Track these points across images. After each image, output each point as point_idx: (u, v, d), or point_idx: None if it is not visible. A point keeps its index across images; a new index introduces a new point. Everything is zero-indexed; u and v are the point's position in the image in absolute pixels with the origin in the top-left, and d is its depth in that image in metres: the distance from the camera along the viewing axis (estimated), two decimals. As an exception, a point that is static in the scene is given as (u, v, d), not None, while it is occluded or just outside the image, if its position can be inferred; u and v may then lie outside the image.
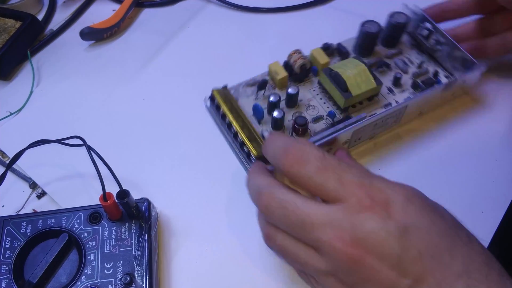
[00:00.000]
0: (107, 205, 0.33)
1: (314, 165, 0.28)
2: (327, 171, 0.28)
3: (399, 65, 0.45)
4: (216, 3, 0.57)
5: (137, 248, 0.34)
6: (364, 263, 0.26)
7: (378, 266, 0.26)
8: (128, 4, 0.54)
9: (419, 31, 0.46)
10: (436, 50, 0.45)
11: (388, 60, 0.46)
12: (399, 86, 0.44)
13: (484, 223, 0.38)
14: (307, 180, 0.28)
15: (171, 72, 0.50)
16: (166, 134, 0.44)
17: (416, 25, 0.46)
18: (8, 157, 0.43)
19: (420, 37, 0.46)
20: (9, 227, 0.35)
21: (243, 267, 0.37)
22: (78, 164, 0.42)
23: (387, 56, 0.46)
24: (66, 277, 0.33)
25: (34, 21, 0.52)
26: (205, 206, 0.40)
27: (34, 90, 0.48)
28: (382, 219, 0.26)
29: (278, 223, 0.29)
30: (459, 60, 0.44)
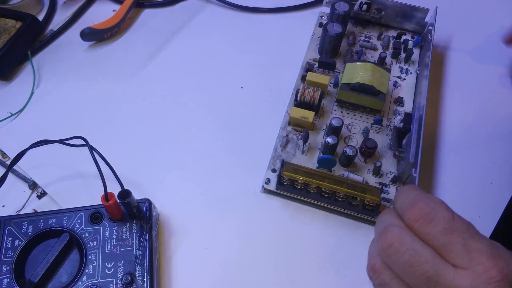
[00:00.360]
0: (108, 205, 0.33)
1: (441, 225, 0.27)
2: (453, 234, 0.26)
3: (369, 46, 0.49)
4: (216, 3, 0.57)
5: (138, 248, 0.34)
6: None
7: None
8: (129, 4, 0.54)
9: (359, 11, 0.50)
10: (382, 16, 0.50)
11: (358, 48, 0.49)
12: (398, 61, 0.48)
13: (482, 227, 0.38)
14: (430, 238, 0.27)
15: (171, 72, 0.50)
16: (166, 134, 0.45)
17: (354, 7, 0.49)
18: (8, 158, 0.43)
19: (364, 14, 0.50)
20: (10, 227, 0.35)
21: (243, 267, 0.37)
22: (78, 164, 0.42)
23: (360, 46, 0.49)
24: (67, 277, 0.33)
25: (34, 22, 0.52)
26: (205, 207, 0.40)
27: (35, 91, 0.48)
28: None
29: (396, 266, 0.27)
30: (404, 14, 0.49)
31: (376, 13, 0.50)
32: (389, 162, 0.40)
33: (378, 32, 0.51)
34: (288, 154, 0.41)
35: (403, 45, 0.49)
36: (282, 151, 0.41)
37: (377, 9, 0.49)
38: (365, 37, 0.50)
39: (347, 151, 0.38)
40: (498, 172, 0.42)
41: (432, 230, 0.27)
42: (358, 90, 0.42)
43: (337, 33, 0.45)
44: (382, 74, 0.42)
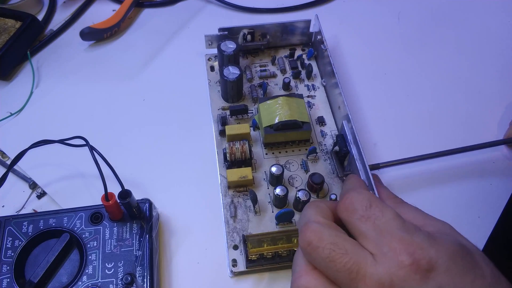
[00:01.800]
0: (108, 205, 0.33)
1: (359, 213, 0.28)
2: (368, 220, 0.27)
3: (268, 75, 0.48)
4: (216, 3, 0.57)
5: (138, 248, 0.34)
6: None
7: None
8: (128, 4, 0.54)
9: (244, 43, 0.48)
10: (268, 40, 0.48)
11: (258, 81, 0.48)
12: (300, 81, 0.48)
13: (481, 228, 0.39)
14: (351, 227, 0.28)
15: (171, 72, 0.50)
16: (166, 135, 0.45)
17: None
18: (8, 158, 0.43)
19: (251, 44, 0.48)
20: (10, 227, 0.35)
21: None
22: (78, 164, 0.42)
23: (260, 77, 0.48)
24: (67, 277, 0.33)
25: (34, 21, 0.52)
26: (205, 207, 0.40)
27: (34, 91, 0.48)
28: (422, 280, 0.24)
29: (318, 263, 0.27)
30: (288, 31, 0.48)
31: (262, 40, 0.48)
32: (338, 187, 0.40)
33: (270, 57, 0.49)
34: (242, 222, 0.38)
35: (299, 62, 0.49)
36: (235, 221, 0.38)
37: (261, 35, 0.48)
38: (259, 66, 0.49)
39: (300, 197, 0.37)
40: (497, 173, 0.42)
41: (352, 219, 0.28)
42: (282, 128, 0.40)
43: (237, 77, 0.43)
44: (298, 103, 0.41)
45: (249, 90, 0.47)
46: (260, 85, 0.47)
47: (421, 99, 0.47)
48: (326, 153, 0.42)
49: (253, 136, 0.43)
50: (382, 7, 0.56)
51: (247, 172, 0.39)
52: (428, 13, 0.55)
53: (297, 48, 0.50)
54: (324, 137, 0.43)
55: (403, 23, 0.54)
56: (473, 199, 0.40)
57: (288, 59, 0.49)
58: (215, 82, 0.48)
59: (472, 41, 0.52)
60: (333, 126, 0.44)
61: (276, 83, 0.47)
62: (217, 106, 0.46)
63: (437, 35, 0.53)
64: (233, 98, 0.45)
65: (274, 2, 0.57)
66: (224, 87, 0.45)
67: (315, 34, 0.49)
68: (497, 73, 0.49)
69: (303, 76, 0.48)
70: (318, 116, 0.45)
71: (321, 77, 0.48)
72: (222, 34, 0.47)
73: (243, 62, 0.49)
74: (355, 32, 0.53)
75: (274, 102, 0.41)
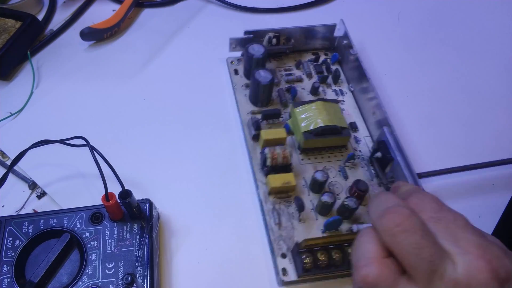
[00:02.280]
0: (109, 205, 0.33)
1: (428, 214, 0.27)
2: (439, 222, 0.26)
3: (294, 79, 0.47)
4: (216, 3, 0.57)
5: (138, 248, 0.34)
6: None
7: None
8: (128, 4, 0.54)
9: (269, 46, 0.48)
10: (293, 44, 0.48)
11: (285, 85, 0.47)
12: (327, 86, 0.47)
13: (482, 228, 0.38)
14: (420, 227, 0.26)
15: (171, 72, 0.50)
16: (167, 135, 0.45)
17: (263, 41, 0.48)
18: (8, 158, 0.43)
19: (275, 48, 0.48)
20: (10, 227, 0.35)
21: (244, 267, 0.37)
22: (78, 164, 0.42)
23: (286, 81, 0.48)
24: (67, 277, 0.33)
25: (34, 21, 0.51)
26: (206, 207, 0.40)
27: (34, 91, 0.48)
28: (497, 283, 0.24)
29: (401, 247, 0.25)
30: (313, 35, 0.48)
31: (287, 43, 0.48)
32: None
33: (294, 61, 0.49)
34: (287, 229, 0.37)
35: (325, 67, 0.49)
36: (280, 228, 0.37)
37: (286, 39, 0.48)
38: (284, 70, 0.48)
39: (349, 204, 0.36)
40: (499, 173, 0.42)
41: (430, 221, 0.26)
42: (322, 134, 0.40)
43: (269, 81, 0.42)
44: (334, 109, 0.41)
45: (277, 94, 0.46)
46: (288, 90, 0.46)
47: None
48: (362, 160, 0.42)
49: (287, 142, 0.42)
50: (382, 7, 0.56)
51: (290, 178, 0.38)
52: (428, 13, 0.55)
53: (320, 52, 0.50)
54: (358, 143, 0.43)
55: (403, 23, 0.54)
56: (474, 199, 0.40)
57: (313, 64, 0.49)
58: (241, 86, 0.47)
59: (472, 41, 0.52)
60: (365, 132, 0.44)
61: (303, 88, 0.47)
62: (246, 110, 0.45)
63: (437, 35, 0.53)
64: (262, 102, 0.45)
65: (274, 2, 0.57)
66: (255, 90, 0.44)
67: (339, 38, 0.48)
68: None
69: (330, 81, 0.48)
70: (350, 122, 0.44)
71: (347, 82, 0.47)
72: (247, 37, 0.47)
73: (268, 66, 0.49)
74: (355, 32, 0.53)
75: (309, 107, 0.41)
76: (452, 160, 0.41)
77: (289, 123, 0.42)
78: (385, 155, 0.39)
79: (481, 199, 0.40)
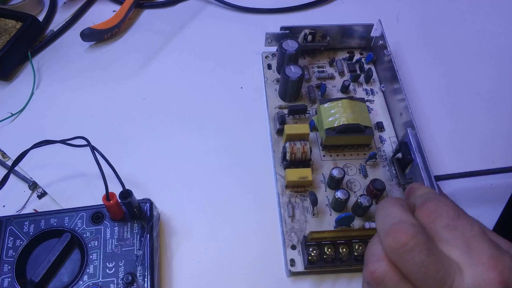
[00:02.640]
0: (109, 205, 0.34)
1: (445, 221, 0.27)
2: (456, 231, 0.26)
3: (326, 76, 0.48)
4: (216, 4, 0.57)
5: (139, 248, 0.34)
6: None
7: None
8: (129, 5, 0.54)
9: (304, 42, 0.48)
10: (328, 41, 0.48)
11: (316, 82, 0.48)
12: (359, 84, 0.47)
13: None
14: (435, 233, 0.27)
15: (171, 72, 0.50)
16: (167, 135, 0.45)
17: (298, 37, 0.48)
18: (8, 158, 0.43)
19: (310, 45, 0.48)
20: (11, 227, 0.35)
21: (244, 267, 0.37)
22: (78, 164, 0.42)
23: (318, 78, 0.48)
24: (68, 277, 0.34)
25: (34, 22, 0.52)
26: (206, 206, 0.40)
27: (35, 91, 0.48)
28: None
29: (408, 266, 0.26)
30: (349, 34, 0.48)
31: (322, 41, 0.48)
32: (397, 194, 0.39)
33: (328, 58, 0.49)
34: (300, 223, 0.38)
35: (358, 66, 0.49)
36: (293, 221, 0.38)
37: (322, 36, 0.48)
38: (317, 67, 0.49)
39: (362, 202, 0.36)
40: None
41: (435, 225, 0.27)
42: (345, 131, 0.40)
43: (298, 76, 0.42)
44: (360, 107, 0.41)
45: (306, 90, 0.46)
46: (318, 86, 0.47)
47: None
48: (385, 159, 0.42)
49: (310, 138, 0.42)
50: (382, 7, 0.56)
51: (307, 173, 0.39)
52: (427, 14, 0.55)
53: (355, 51, 0.50)
54: (382, 143, 0.43)
55: (403, 23, 0.55)
56: (473, 199, 0.40)
57: (347, 62, 0.49)
58: (272, 80, 0.48)
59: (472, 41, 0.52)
60: (391, 133, 0.44)
61: (334, 85, 0.47)
62: (274, 105, 0.46)
63: (437, 35, 0.53)
64: (290, 97, 0.45)
65: (274, 2, 0.57)
66: (284, 85, 0.44)
67: (375, 39, 0.48)
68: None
69: (362, 80, 0.48)
70: (377, 122, 0.44)
71: (379, 82, 0.47)
72: (283, 33, 0.47)
73: (301, 62, 0.49)
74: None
75: (335, 105, 0.41)
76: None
77: (314, 120, 0.43)
78: (405, 156, 0.39)
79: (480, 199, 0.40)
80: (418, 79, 0.49)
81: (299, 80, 0.43)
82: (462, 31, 0.54)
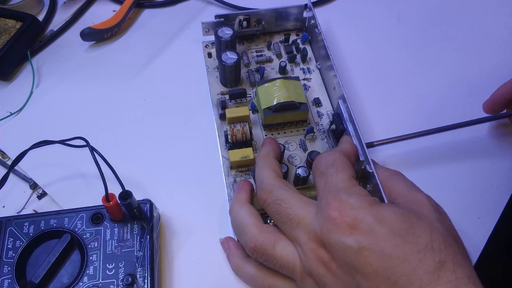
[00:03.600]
0: (109, 206, 0.34)
1: (320, 171, 0.33)
2: (323, 177, 0.33)
3: (264, 59, 0.49)
4: (216, 4, 0.57)
5: (139, 249, 0.34)
6: (330, 267, 0.29)
7: (339, 273, 0.29)
8: (129, 4, 0.54)
9: (240, 29, 0.49)
10: (264, 26, 0.49)
11: (255, 66, 0.49)
12: (296, 64, 0.49)
13: (480, 229, 0.39)
14: (315, 182, 0.34)
15: (171, 73, 0.50)
16: (167, 135, 0.45)
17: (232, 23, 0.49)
18: (8, 158, 0.43)
19: (247, 30, 0.49)
20: (11, 228, 0.35)
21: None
22: (78, 164, 0.42)
23: (257, 62, 0.49)
24: (68, 278, 0.34)
25: (34, 22, 0.52)
26: (207, 207, 0.40)
27: (34, 91, 0.48)
28: (343, 234, 0.28)
29: (269, 214, 0.33)
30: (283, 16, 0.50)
31: (257, 26, 0.49)
32: None
33: (265, 42, 0.50)
34: None
35: (294, 46, 0.50)
36: None
37: (257, 21, 0.49)
38: (255, 51, 0.50)
39: (300, 173, 0.38)
40: (497, 173, 0.42)
41: (315, 175, 0.34)
42: (281, 109, 0.41)
43: (234, 61, 0.44)
44: (294, 85, 0.43)
45: (246, 75, 0.48)
46: (257, 70, 0.48)
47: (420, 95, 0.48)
48: (323, 133, 0.43)
49: (252, 119, 0.44)
50: (382, 7, 0.56)
51: (248, 152, 0.40)
52: (428, 13, 0.55)
53: (292, 33, 0.51)
54: (320, 118, 0.44)
55: (403, 23, 0.54)
56: (473, 200, 0.40)
57: (283, 44, 0.50)
58: (213, 68, 0.49)
59: (471, 41, 0.52)
60: (329, 107, 0.45)
61: (273, 68, 0.49)
62: (216, 91, 0.47)
63: (437, 35, 0.53)
64: (231, 83, 0.46)
65: (274, 2, 0.56)
66: (222, 72, 0.45)
67: (308, 19, 0.50)
68: (497, 73, 0.49)
69: (299, 60, 0.49)
70: (314, 98, 0.46)
71: (315, 61, 0.49)
72: (219, 21, 0.48)
73: (239, 48, 0.50)
74: (355, 32, 0.53)
75: (272, 85, 0.42)
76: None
77: (254, 102, 0.45)
78: (338, 127, 0.40)
79: (480, 200, 0.40)
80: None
81: (236, 65, 0.44)
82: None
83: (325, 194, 0.31)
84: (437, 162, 0.43)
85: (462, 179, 0.42)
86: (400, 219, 0.29)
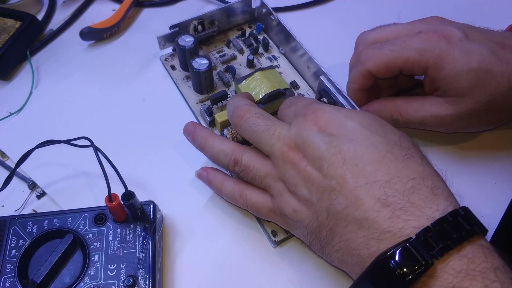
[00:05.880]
0: (112, 206, 0.34)
1: (286, 104, 0.37)
2: (291, 107, 0.36)
3: (229, 58, 0.50)
4: (216, 3, 0.57)
5: (141, 250, 0.34)
6: (300, 165, 0.32)
7: (309, 169, 0.31)
8: (128, 4, 0.54)
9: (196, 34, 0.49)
10: (218, 26, 0.50)
11: (223, 66, 0.49)
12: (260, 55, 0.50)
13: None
14: (281, 114, 0.37)
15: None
16: (169, 135, 0.44)
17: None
18: (8, 157, 0.43)
19: (203, 34, 0.49)
20: (15, 227, 0.35)
21: (246, 268, 0.37)
22: (80, 164, 0.42)
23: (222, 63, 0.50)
24: (69, 278, 0.34)
25: (34, 21, 0.51)
26: (210, 209, 0.40)
27: (34, 91, 0.48)
28: (318, 130, 0.31)
29: (245, 132, 0.36)
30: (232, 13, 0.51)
31: (212, 27, 0.50)
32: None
33: (223, 41, 0.51)
34: None
35: (253, 38, 0.51)
36: None
37: (210, 23, 0.49)
38: (217, 52, 0.50)
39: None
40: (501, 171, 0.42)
41: (281, 109, 0.37)
42: (270, 100, 0.42)
43: (207, 66, 0.44)
44: (273, 74, 0.43)
45: (217, 77, 0.48)
46: (227, 70, 0.48)
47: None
48: None
49: None
50: (382, 7, 0.56)
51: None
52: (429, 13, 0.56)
53: (245, 27, 0.52)
54: None
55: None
56: (476, 198, 0.40)
57: (241, 39, 0.51)
58: (182, 79, 0.48)
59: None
60: (306, 87, 0.47)
61: (240, 64, 0.49)
62: (195, 101, 0.46)
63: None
64: (207, 88, 0.46)
65: (274, 2, 0.57)
66: (196, 80, 0.45)
67: (258, 9, 0.51)
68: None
69: (261, 50, 0.50)
70: (290, 82, 0.47)
71: (277, 47, 0.50)
72: (174, 31, 0.48)
73: (201, 53, 0.50)
74: (355, 32, 0.53)
75: (252, 79, 0.43)
76: None
77: None
78: (329, 101, 0.41)
79: (483, 199, 0.41)
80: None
81: (209, 70, 0.44)
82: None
83: (297, 114, 0.34)
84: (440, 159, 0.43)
85: (465, 176, 0.42)
86: (371, 119, 0.32)
